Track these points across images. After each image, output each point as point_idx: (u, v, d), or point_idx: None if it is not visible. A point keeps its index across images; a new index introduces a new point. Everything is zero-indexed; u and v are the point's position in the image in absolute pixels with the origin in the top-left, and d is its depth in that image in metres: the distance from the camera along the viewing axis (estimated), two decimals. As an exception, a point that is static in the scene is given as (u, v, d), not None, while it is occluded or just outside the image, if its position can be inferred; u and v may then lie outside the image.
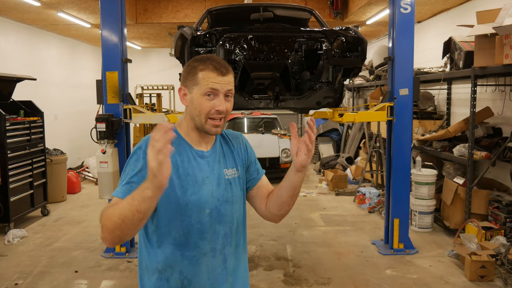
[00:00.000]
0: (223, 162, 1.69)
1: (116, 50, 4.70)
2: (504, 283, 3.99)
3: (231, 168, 1.70)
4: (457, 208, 5.35)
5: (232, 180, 1.69)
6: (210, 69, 1.55)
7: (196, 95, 1.57)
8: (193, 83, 1.58)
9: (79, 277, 4.34)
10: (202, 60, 1.59)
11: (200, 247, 1.59)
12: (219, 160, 1.68)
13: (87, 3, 6.54)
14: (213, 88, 1.55)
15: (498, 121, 5.41)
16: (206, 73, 1.55)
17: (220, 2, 7.51)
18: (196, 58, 1.62)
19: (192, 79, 1.58)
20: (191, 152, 1.62)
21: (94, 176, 8.91)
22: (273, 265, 4.59)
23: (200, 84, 1.56)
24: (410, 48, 4.75)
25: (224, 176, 1.66)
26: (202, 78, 1.55)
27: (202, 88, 1.55)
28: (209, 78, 1.55)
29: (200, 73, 1.56)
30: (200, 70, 1.56)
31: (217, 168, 1.66)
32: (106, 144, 4.63)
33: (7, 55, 7.48)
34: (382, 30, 9.17)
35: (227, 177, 1.67)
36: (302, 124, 12.91)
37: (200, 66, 1.57)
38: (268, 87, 4.50)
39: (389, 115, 4.82)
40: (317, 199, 7.46)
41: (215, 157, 1.67)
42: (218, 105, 1.56)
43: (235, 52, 4.32)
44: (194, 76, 1.57)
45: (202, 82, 1.55)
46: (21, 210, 5.96)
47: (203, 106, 1.56)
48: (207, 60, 1.58)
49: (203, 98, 1.56)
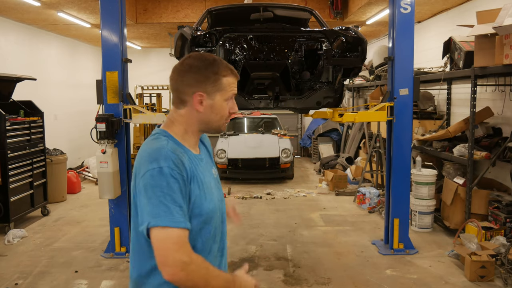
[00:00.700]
0: (210, 162, 1.71)
1: (116, 50, 4.70)
2: (504, 283, 3.99)
3: (213, 167, 1.72)
4: (457, 208, 5.35)
5: (217, 178, 1.72)
6: (231, 75, 1.58)
7: (220, 101, 1.57)
8: (215, 89, 1.54)
9: (79, 277, 4.34)
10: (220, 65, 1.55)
11: (213, 251, 1.59)
12: (208, 161, 1.69)
13: (87, 3, 6.54)
14: (235, 93, 1.61)
15: (498, 121, 5.41)
16: (229, 78, 1.57)
17: (220, 2, 7.51)
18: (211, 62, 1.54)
19: (214, 85, 1.54)
20: (195, 157, 1.56)
21: (94, 176, 8.92)
22: (273, 265, 4.59)
23: (225, 90, 1.56)
24: (410, 48, 4.74)
25: (214, 176, 1.68)
26: (227, 84, 1.56)
27: (227, 93, 1.57)
28: (233, 84, 1.59)
29: (224, 79, 1.55)
30: (224, 76, 1.56)
31: (209, 169, 1.66)
32: (106, 144, 4.62)
33: (7, 55, 7.48)
34: (382, 30, 9.17)
35: (215, 177, 1.69)
36: (302, 124, 12.92)
37: (223, 72, 1.55)
38: (268, 87, 4.50)
39: (389, 115, 4.82)
40: (317, 199, 7.46)
41: (206, 158, 1.68)
42: (234, 107, 1.62)
43: (235, 52, 4.32)
44: (216, 82, 1.54)
45: (228, 88, 1.57)
46: (21, 210, 5.96)
47: (224, 111, 1.59)
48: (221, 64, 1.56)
49: (225, 103, 1.58)
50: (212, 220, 1.55)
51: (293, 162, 9.04)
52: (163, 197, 1.36)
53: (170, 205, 1.36)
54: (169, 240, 1.33)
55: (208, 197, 1.53)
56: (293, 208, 6.90)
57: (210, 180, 1.59)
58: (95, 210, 6.82)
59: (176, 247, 1.33)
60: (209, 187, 1.55)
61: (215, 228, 1.58)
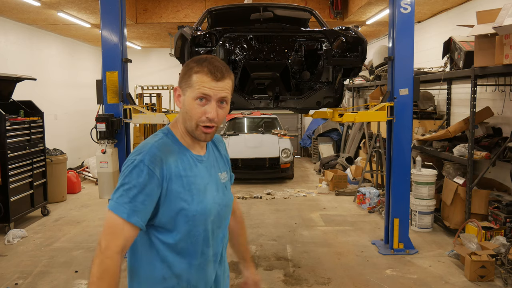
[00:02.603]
0: (217, 166, 1.66)
1: (116, 50, 4.70)
2: (504, 283, 3.99)
3: (224, 172, 1.68)
4: (457, 208, 5.35)
5: (226, 183, 1.68)
6: (205, 72, 1.47)
7: (189, 98, 1.49)
8: (187, 85, 1.50)
9: (79, 277, 4.34)
10: (199, 62, 1.50)
11: (206, 254, 1.58)
12: (213, 164, 1.65)
13: (87, 3, 6.54)
14: (205, 93, 1.47)
15: (498, 121, 5.41)
16: (200, 76, 1.47)
17: (220, 2, 7.51)
18: (194, 59, 1.53)
19: (186, 81, 1.50)
20: (191, 157, 1.56)
21: (94, 176, 8.92)
22: (273, 265, 4.59)
23: (193, 87, 1.47)
24: (410, 48, 4.74)
25: (220, 181, 1.64)
26: (195, 81, 1.47)
27: (194, 91, 1.47)
28: (202, 82, 1.46)
29: (195, 75, 1.48)
30: (195, 72, 1.48)
31: (214, 172, 1.63)
32: (106, 144, 4.62)
33: (7, 55, 7.48)
34: (382, 30, 9.17)
35: (222, 181, 1.65)
36: (302, 124, 12.92)
37: (196, 68, 1.49)
38: (268, 87, 4.50)
39: (389, 115, 4.82)
40: (317, 199, 7.46)
41: (211, 161, 1.64)
42: (209, 112, 1.48)
43: (235, 52, 4.32)
44: (188, 78, 1.49)
45: (195, 85, 1.47)
46: (21, 210, 5.96)
47: (194, 112, 1.48)
48: (204, 62, 1.49)
49: (194, 103, 1.48)
50: (201, 223, 1.53)
51: (293, 162, 9.05)
52: (122, 185, 1.43)
53: (123, 194, 1.42)
54: (106, 222, 1.42)
55: (196, 199, 1.50)
56: (293, 208, 6.90)
57: (205, 182, 1.56)
58: (95, 210, 6.82)
59: (107, 230, 1.41)
60: (199, 189, 1.52)
61: (207, 231, 1.55)
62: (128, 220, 1.40)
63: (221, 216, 1.62)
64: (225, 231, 1.69)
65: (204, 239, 1.56)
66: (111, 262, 1.38)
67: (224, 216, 1.64)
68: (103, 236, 1.40)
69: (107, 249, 1.38)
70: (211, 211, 1.56)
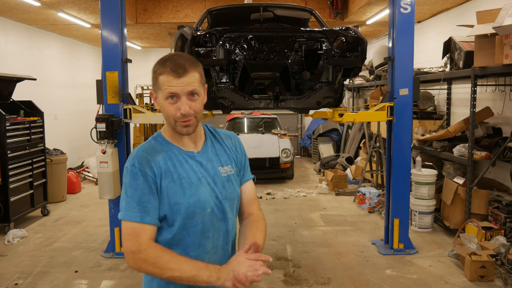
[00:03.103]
0: (217, 160, 1.69)
1: (116, 50, 4.70)
2: (504, 283, 3.99)
3: (226, 166, 1.70)
4: (457, 208, 5.35)
5: (230, 176, 1.69)
6: (168, 72, 1.51)
7: (161, 100, 1.55)
8: (156, 87, 1.56)
9: (79, 277, 4.34)
10: (162, 63, 1.54)
11: (203, 246, 1.61)
12: (211, 159, 1.67)
13: (87, 3, 6.54)
14: (172, 92, 1.51)
15: (498, 121, 5.41)
16: (165, 76, 1.51)
17: (220, 2, 7.51)
18: (159, 61, 1.57)
19: (155, 84, 1.56)
20: (181, 155, 1.61)
21: (94, 176, 8.91)
22: (273, 265, 4.59)
23: (161, 88, 1.53)
24: (410, 48, 4.74)
25: (220, 174, 1.66)
26: (161, 83, 1.52)
27: (163, 92, 1.53)
28: (167, 82, 1.51)
29: (160, 77, 1.53)
30: (159, 74, 1.53)
31: (211, 167, 1.65)
32: (106, 144, 4.63)
33: (7, 55, 7.48)
34: (382, 30, 9.17)
35: (223, 175, 1.67)
36: (302, 124, 12.92)
37: (159, 69, 1.53)
38: (268, 87, 4.50)
39: (389, 115, 4.82)
40: (317, 199, 7.46)
41: (207, 156, 1.67)
42: (180, 108, 1.52)
43: (235, 52, 4.32)
44: (156, 81, 1.55)
45: (162, 87, 1.52)
46: (21, 210, 5.96)
47: (168, 110, 1.54)
48: (167, 61, 1.53)
49: (166, 102, 1.53)
50: (196, 215, 1.57)
51: (293, 162, 9.05)
52: (125, 193, 1.54)
53: (129, 200, 1.51)
54: (124, 231, 1.51)
55: (188, 192, 1.56)
56: (293, 208, 6.90)
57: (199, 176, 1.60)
58: (95, 210, 6.82)
59: (128, 237, 1.49)
60: (191, 183, 1.57)
61: (204, 224, 1.59)
62: (142, 221, 1.49)
63: (221, 209, 1.64)
64: (229, 226, 1.68)
65: (202, 231, 1.59)
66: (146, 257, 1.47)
67: (225, 209, 1.65)
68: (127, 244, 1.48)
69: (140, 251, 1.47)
70: (206, 204, 1.59)
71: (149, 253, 1.46)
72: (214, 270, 1.44)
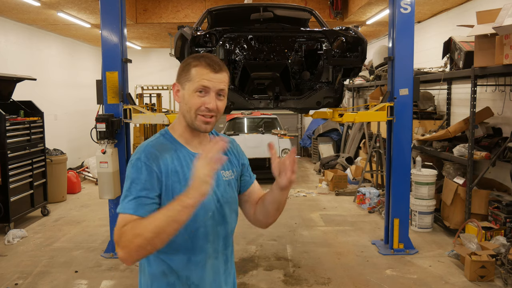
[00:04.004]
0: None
1: (116, 50, 4.70)
2: (504, 283, 3.99)
3: (227, 170, 1.69)
4: (457, 208, 5.35)
5: (231, 181, 1.69)
6: (203, 66, 1.54)
7: (188, 91, 1.56)
8: (186, 79, 1.57)
9: (79, 277, 4.34)
10: (196, 57, 1.58)
11: (205, 251, 1.59)
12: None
13: (87, 3, 6.54)
14: (204, 85, 1.53)
15: (498, 121, 5.41)
16: (199, 69, 1.54)
17: (220, 2, 7.51)
18: (192, 55, 1.62)
19: (185, 75, 1.57)
20: (188, 155, 1.60)
21: (94, 176, 8.91)
22: (273, 265, 4.59)
23: (193, 80, 1.54)
24: (410, 48, 4.74)
25: (222, 177, 1.66)
26: (194, 75, 1.54)
27: (194, 84, 1.54)
28: (201, 75, 1.53)
29: (193, 69, 1.55)
30: (193, 66, 1.55)
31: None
32: (106, 144, 4.63)
33: (7, 55, 7.48)
34: (382, 30, 9.17)
35: (225, 179, 1.66)
36: (302, 124, 12.92)
37: (193, 62, 1.56)
38: (268, 87, 4.50)
39: (389, 115, 4.82)
40: (317, 199, 7.46)
41: None
42: (208, 102, 1.54)
43: (235, 52, 4.32)
44: (187, 72, 1.57)
45: (195, 79, 1.54)
46: (21, 210, 5.96)
47: (193, 102, 1.55)
48: (202, 57, 1.57)
49: (194, 94, 1.55)
50: (198, 219, 1.55)
51: (293, 162, 9.02)
52: (128, 185, 1.50)
53: (127, 193, 1.48)
54: (118, 223, 1.45)
55: None
56: (293, 208, 6.90)
57: None
58: (95, 210, 6.82)
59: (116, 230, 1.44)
60: None
61: (206, 227, 1.58)
62: (135, 214, 1.44)
63: (221, 213, 1.63)
64: (229, 230, 1.68)
65: (203, 234, 1.58)
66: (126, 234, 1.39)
67: (225, 213, 1.65)
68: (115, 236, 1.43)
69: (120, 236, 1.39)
70: (208, 207, 1.58)
71: (126, 230, 1.38)
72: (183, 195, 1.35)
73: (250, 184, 1.78)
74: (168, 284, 1.57)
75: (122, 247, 1.37)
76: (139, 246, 1.35)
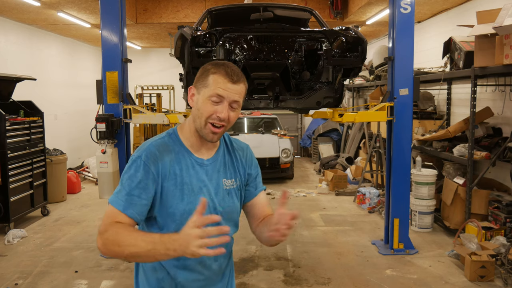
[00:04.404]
0: (223, 171, 1.67)
1: (116, 50, 4.70)
2: (504, 283, 3.99)
3: (230, 179, 1.68)
4: (457, 208, 5.35)
5: (231, 190, 1.67)
6: (222, 74, 1.53)
7: (203, 97, 1.55)
8: (202, 85, 1.56)
9: (79, 277, 4.34)
10: (217, 65, 1.57)
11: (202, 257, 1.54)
12: (218, 169, 1.66)
13: (87, 3, 6.54)
14: (219, 94, 1.52)
15: (498, 121, 5.41)
16: (217, 77, 1.53)
17: (220, 2, 7.51)
18: (212, 62, 1.60)
19: (202, 81, 1.56)
20: (190, 159, 1.60)
21: (94, 176, 8.91)
22: (273, 265, 4.59)
23: (209, 87, 1.53)
24: (410, 48, 4.74)
25: (223, 186, 1.65)
26: (211, 82, 1.53)
27: (209, 91, 1.53)
28: (218, 83, 1.52)
29: (211, 76, 1.54)
30: (212, 73, 1.54)
31: (216, 177, 1.64)
32: (106, 144, 4.62)
33: (7, 55, 7.48)
34: (382, 30, 9.17)
35: (225, 187, 1.65)
36: (302, 124, 12.92)
37: (213, 69, 1.55)
38: (268, 87, 4.50)
39: (389, 115, 4.82)
40: (317, 199, 7.46)
41: (215, 166, 1.65)
42: (221, 111, 1.53)
43: (235, 52, 4.32)
44: (205, 78, 1.55)
45: (211, 86, 1.53)
46: (21, 210, 5.96)
47: (205, 109, 1.53)
48: (222, 65, 1.56)
49: (208, 101, 1.53)
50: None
51: (293, 162, 9.04)
52: (121, 180, 1.54)
53: (121, 188, 1.52)
54: (105, 214, 1.51)
55: (187, 199, 1.55)
56: (293, 208, 6.89)
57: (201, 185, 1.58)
58: (95, 210, 6.82)
59: (104, 219, 1.49)
60: (192, 190, 1.56)
61: None
62: (123, 212, 1.48)
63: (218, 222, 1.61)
64: None
65: None
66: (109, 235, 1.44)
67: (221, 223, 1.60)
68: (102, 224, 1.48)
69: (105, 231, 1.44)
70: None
71: (111, 230, 1.43)
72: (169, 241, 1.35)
73: (253, 196, 1.75)
74: (157, 280, 1.61)
75: (102, 243, 1.43)
76: (115, 253, 1.42)
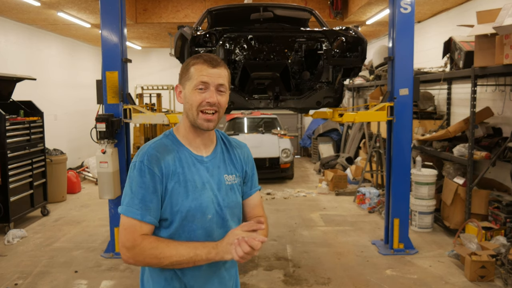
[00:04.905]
0: (223, 167, 1.69)
1: (116, 50, 4.69)
2: (504, 283, 3.99)
3: (231, 175, 1.70)
4: (457, 208, 5.35)
5: (233, 185, 1.69)
6: (201, 63, 1.58)
7: (189, 90, 1.59)
8: (186, 79, 1.61)
9: (79, 277, 4.34)
10: (195, 57, 1.62)
11: None
12: (218, 165, 1.67)
13: (87, 3, 6.54)
14: (203, 81, 1.56)
15: (498, 121, 5.41)
16: (197, 66, 1.58)
17: (220, 2, 7.51)
18: (191, 56, 1.66)
19: (185, 75, 1.61)
20: (191, 157, 1.62)
21: (94, 176, 8.91)
22: (273, 265, 4.59)
23: (192, 78, 1.58)
24: (410, 48, 4.74)
25: (225, 182, 1.66)
26: (193, 72, 1.58)
27: (193, 82, 1.57)
28: (200, 71, 1.57)
29: (192, 67, 1.59)
30: (192, 64, 1.59)
31: (217, 173, 1.65)
32: (106, 144, 4.62)
33: (7, 55, 7.48)
34: (382, 30, 9.17)
35: (227, 183, 1.67)
36: (302, 124, 12.92)
37: (192, 61, 1.60)
38: (268, 87, 4.50)
39: (389, 115, 4.82)
40: (317, 199, 7.46)
41: (215, 162, 1.67)
42: (209, 97, 1.56)
43: (235, 52, 4.32)
44: (187, 72, 1.61)
45: (194, 76, 1.57)
46: (21, 210, 5.96)
47: (194, 99, 1.57)
48: (200, 56, 1.61)
49: (194, 92, 1.57)
50: (196, 220, 1.57)
51: (293, 162, 9.04)
52: (130, 188, 1.54)
53: (132, 196, 1.52)
54: (122, 226, 1.52)
55: (191, 196, 1.56)
56: (293, 208, 6.90)
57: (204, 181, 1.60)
58: (95, 210, 6.82)
59: (124, 232, 1.50)
60: (195, 186, 1.58)
61: (205, 229, 1.59)
62: (142, 220, 1.50)
63: (221, 216, 1.63)
64: None
65: (201, 236, 1.58)
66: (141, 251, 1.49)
67: (226, 218, 1.64)
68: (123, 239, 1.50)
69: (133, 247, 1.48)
70: (207, 209, 1.59)
71: (145, 246, 1.47)
72: (212, 246, 1.48)
73: (247, 196, 1.77)
74: (165, 279, 1.60)
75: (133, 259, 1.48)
76: (149, 264, 1.48)
